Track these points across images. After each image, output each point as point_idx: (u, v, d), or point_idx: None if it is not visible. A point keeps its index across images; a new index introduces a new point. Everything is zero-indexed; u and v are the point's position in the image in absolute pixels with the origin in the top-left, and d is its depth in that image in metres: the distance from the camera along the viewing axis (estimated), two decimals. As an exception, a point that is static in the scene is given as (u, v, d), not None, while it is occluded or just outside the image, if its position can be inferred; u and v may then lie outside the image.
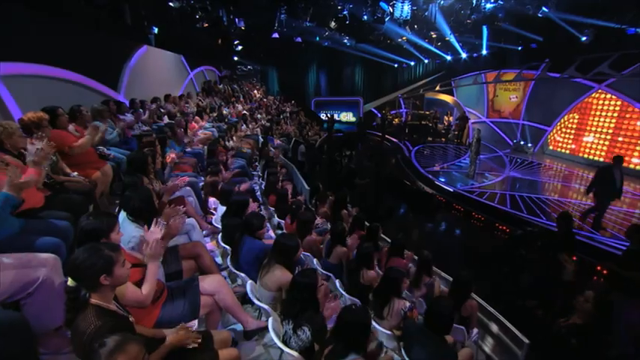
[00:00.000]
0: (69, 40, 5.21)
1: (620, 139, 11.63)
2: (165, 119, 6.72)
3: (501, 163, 12.87)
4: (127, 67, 6.82)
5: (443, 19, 11.84)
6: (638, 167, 10.97)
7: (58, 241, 2.10)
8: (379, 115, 21.08)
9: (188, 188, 4.03)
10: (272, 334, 2.10)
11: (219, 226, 3.81)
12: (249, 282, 2.68)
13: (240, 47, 17.25)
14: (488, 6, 11.57)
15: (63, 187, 2.90)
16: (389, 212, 8.89)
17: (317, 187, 6.51)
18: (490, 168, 12.00)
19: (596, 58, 10.59)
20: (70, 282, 1.49)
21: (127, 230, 2.21)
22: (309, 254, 3.86)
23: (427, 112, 17.92)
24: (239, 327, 2.66)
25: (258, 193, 6.25)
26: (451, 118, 17.19)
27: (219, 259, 3.84)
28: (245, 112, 11.74)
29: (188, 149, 6.10)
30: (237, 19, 11.61)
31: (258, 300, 2.58)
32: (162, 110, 6.94)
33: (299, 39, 17.34)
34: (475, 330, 3.31)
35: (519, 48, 13.82)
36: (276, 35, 16.47)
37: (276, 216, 5.13)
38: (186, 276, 2.57)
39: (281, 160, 8.04)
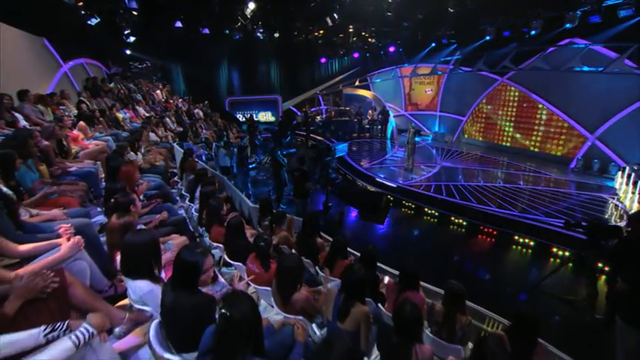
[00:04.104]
0: None
1: (522, 125, 13.11)
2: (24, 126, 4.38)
3: (429, 154, 13.24)
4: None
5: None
6: (536, 149, 12.48)
7: None
8: (299, 113, 20.19)
9: (74, 244, 2.23)
10: None
11: (146, 308, 2.15)
12: None
13: (133, 38, 14.10)
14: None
15: None
16: (340, 219, 7.94)
17: (267, 202, 4.98)
18: (422, 160, 12.14)
19: (500, 53, 11.57)
20: None
21: None
22: (302, 318, 2.49)
23: (347, 109, 17.74)
24: None
25: (188, 221, 4.56)
26: (375, 114, 17.31)
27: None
28: (148, 115, 9.39)
29: (72, 168, 4.00)
30: (126, -1, 9.02)
31: None
32: (15, 114, 4.54)
33: (206, 30, 15.09)
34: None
35: (433, 44, 14.48)
36: (179, 24, 13.96)
37: (225, 255, 3.60)
38: None
39: (210, 173, 6.28)
